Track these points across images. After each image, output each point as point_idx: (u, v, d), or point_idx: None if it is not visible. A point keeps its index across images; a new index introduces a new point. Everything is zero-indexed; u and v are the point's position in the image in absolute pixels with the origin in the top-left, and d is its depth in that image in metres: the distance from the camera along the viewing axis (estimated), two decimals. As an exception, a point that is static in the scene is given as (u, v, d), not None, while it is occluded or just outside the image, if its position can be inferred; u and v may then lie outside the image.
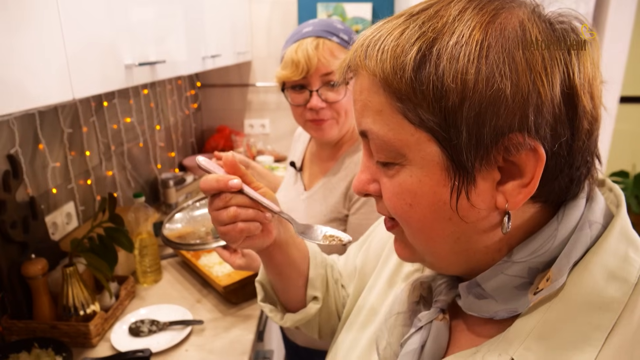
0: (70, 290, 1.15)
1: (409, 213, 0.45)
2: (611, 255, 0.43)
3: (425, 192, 0.43)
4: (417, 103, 0.41)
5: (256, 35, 2.82)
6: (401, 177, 0.45)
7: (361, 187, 0.50)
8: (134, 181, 2.01)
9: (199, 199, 1.19)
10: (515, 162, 0.41)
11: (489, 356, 0.45)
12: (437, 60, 0.39)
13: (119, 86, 1.10)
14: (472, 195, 0.42)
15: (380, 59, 0.42)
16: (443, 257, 0.48)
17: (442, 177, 0.42)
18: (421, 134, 0.42)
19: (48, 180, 1.39)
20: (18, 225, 1.16)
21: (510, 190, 0.41)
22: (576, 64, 0.40)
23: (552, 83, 0.39)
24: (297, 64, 1.05)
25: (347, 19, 2.85)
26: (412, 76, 0.40)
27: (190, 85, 2.74)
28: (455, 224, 0.44)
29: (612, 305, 0.41)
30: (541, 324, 0.43)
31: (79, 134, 1.56)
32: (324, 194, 1.17)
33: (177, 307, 1.33)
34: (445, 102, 0.39)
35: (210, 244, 0.99)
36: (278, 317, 0.79)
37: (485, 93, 0.38)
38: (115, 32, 1.08)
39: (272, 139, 3.01)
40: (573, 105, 0.40)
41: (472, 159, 0.40)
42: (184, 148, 2.66)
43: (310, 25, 1.09)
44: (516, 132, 0.39)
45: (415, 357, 0.50)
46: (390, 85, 0.42)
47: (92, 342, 1.17)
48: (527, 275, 0.44)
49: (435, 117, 0.40)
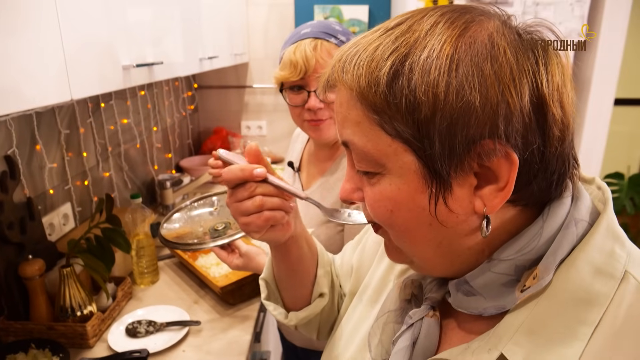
0: (67, 291, 1.15)
1: (390, 219, 0.47)
2: (597, 251, 0.44)
3: (404, 199, 0.45)
4: (392, 115, 0.42)
5: (253, 37, 2.83)
6: (382, 186, 0.46)
7: (346, 196, 0.52)
8: (131, 182, 2.01)
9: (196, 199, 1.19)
10: (491, 168, 0.42)
11: (479, 352, 0.45)
12: (410, 74, 0.41)
13: (117, 87, 1.10)
14: (450, 201, 0.43)
15: (356, 73, 0.43)
16: (428, 259, 0.49)
17: (420, 184, 0.44)
18: (398, 145, 0.43)
19: (45, 181, 1.39)
20: (15, 226, 1.16)
21: (487, 194, 0.43)
22: (544, 74, 0.41)
23: (520, 93, 0.40)
24: (296, 64, 1.06)
25: (344, 20, 2.86)
26: (385, 90, 0.42)
27: (187, 86, 2.74)
28: (435, 229, 0.45)
29: (598, 300, 0.42)
30: (529, 320, 0.44)
31: (76, 135, 1.56)
32: (322, 194, 1.18)
33: (174, 308, 1.33)
34: (417, 114, 0.41)
35: (208, 244, 0.99)
36: (282, 316, 0.79)
37: (456, 105, 0.40)
38: (113, 33, 1.09)
39: (269, 141, 3.01)
40: (543, 113, 0.41)
41: (446, 167, 0.42)
42: (180, 149, 2.67)
43: (309, 27, 1.10)
44: (487, 139, 0.40)
45: (407, 354, 0.51)
46: (366, 99, 0.43)
47: (89, 343, 1.17)
48: (514, 273, 0.45)
49: (409, 128, 0.42)
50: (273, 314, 0.80)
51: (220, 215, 1.15)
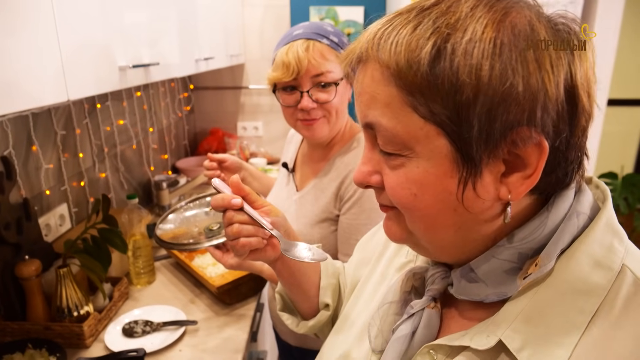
0: (64, 291, 1.16)
1: (413, 203, 0.46)
2: (597, 244, 0.45)
3: (432, 183, 0.44)
4: (430, 97, 0.41)
5: (249, 38, 2.84)
6: (407, 169, 0.45)
7: (362, 179, 0.51)
8: (127, 183, 2.02)
9: (191, 200, 1.19)
10: (520, 155, 0.42)
11: (477, 338, 0.46)
12: (452, 56, 0.40)
13: (113, 88, 1.11)
14: (478, 187, 0.43)
15: (395, 51, 0.42)
16: (441, 245, 0.49)
17: (450, 169, 0.43)
18: (430, 128, 0.43)
19: (41, 182, 1.40)
20: (12, 226, 1.17)
21: (514, 182, 0.43)
22: (578, 64, 0.42)
23: (557, 82, 0.40)
24: (288, 65, 1.07)
25: (340, 22, 2.87)
26: (427, 70, 0.41)
27: (183, 87, 2.75)
28: (459, 214, 0.45)
29: (596, 290, 0.43)
30: (528, 308, 0.45)
31: (72, 136, 1.57)
32: (315, 194, 1.18)
33: (170, 308, 1.34)
34: (459, 96, 0.40)
35: (203, 244, 1.00)
36: (294, 325, 0.85)
37: (499, 89, 0.40)
38: (109, 34, 1.09)
39: (265, 142, 3.02)
40: (574, 103, 0.42)
41: (480, 152, 0.42)
42: (177, 150, 2.67)
43: (301, 28, 1.11)
44: (524, 126, 0.41)
45: (406, 342, 0.52)
46: (404, 78, 0.42)
47: (86, 343, 1.17)
48: (517, 261, 0.46)
49: (447, 110, 0.41)
50: (286, 323, 0.85)
51: (215, 215, 1.15)
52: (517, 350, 0.43)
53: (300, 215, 1.20)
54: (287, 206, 1.25)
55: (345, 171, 1.14)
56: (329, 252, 1.16)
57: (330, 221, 1.15)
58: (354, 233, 1.10)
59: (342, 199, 1.13)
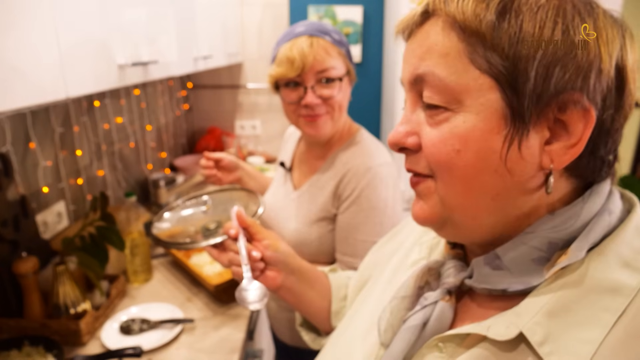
0: (61, 289, 1.16)
1: (454, 160, 0.45)
2: (626, 246, 0.45)
3: (477, 139, 0.44)
4: (491, 47, 0.43)
5: (247, 37, 2.84)
6: (452, 123, 0.45)
7: (398, 139, 0.50)
8: (125, 181, 2.02)
9: (187, 198, 1.19)
10: (565, 122, 0.43)
11: (495, 327, 0.45)
12: (518, 9, 0.42)
13: (112, 86, 1.11)
14: (523, 147, 0.43)
15: (462, 3, 0.44)
16: (475, 214, 0.48)
17: (498, 124, 0.43)
18: (485, 80, 0.43)
19: (39, 179, 1.40)
20: (9, 223, 1.17)
21: (557, 150, 0.44)
22: (629, 48, 0.44)
23: (611, 55, 0.42)
24: (293, 61, 1.07)
25: (338, 21, 2.87)
26: (493, 20, 0.42)
27: (181, 86, 2.75)
28: (500, 176, 0.45)
29: (624, 290, 0.42)
30: (553, 302, 0.44)
31: (70, 133, 1.57)
32: (313, 193, 1.19)
33: (167, 306, 1.34)
34: (520, 47, 0.42)
35: (200, 243, 1.00)
36: (311, 340, 0.91)
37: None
38: (108, 31, 1.09)
39: (263, 140, 3.02)
40: (622, 83, 0.44)
41: (531, 109, 0.42)
42: (174, 149, 2.67)
43: (303, 26, 1.11)
44: (577, 90, 0.42)
45: (415, 332, 0.51)
46: (468, 28, 0.43)
47: (83, 340, 1.17)
48: (546, 250, 0.46)
49: (506, 62, 0.42)
50: (304, 339, 0.91)
51: (212, 214, 1.16)
52: (539, 344, 0.42)
53: (298, 214, 1.20)
54: (285, 205, 1.26)
55: (343, 170, 1.14)
56: (326, 251, 1.16)
57: (328, 220, 1.15)
58: (351, 232, 1.11)
59: (340, 198, 1.13)
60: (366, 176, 1.10)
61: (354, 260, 1.10)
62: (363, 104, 3.03)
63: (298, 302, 0.84)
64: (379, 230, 1.09)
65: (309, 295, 0.84)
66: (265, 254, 0.80)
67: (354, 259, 1.10)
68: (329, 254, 1.17)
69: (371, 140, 1.20)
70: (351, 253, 1.11)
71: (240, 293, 0.76)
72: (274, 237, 0.82)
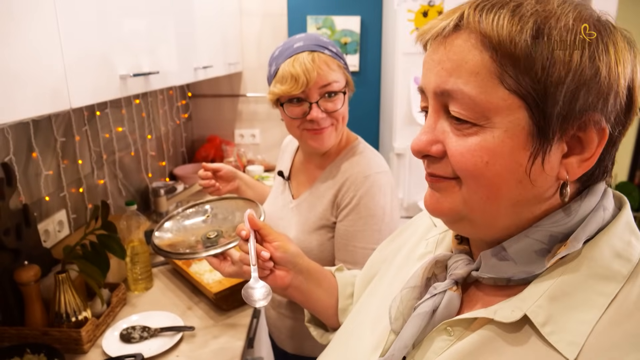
0: (62, 297, 1.16)
1: (482, 170, 0.48)
2: (618, 238, 0.50)
3: (505, 153, 0.47)
4: (522, 69, 0.45)
5: (247, 47, 2.87)
6: (480, 137, 0.48)
7: (422, 147, 0.53)
8: (125, 190, 2.03)
9: (188, 207, 1.21)
10: (582, 138, 0.47)
11: (501, 311, 0.49)
12: (549, 34, 0.45)
13: (114, 96, 1.13)
14: (546, 162, 0.47)
15: (497, 23, 0.46)
16: (494, 216, 0.51)
17: (525, 141, 0.47)
18: (514, 100, 0.46)
19: (41, 188, 1.41)
20: (11, 232, 1.18)
21: (573, 163, 0.48)
22: (638, 67, 0.47)
23: (625, 76, 0.46)
24: (297, 77, 1.06)
25: (336, 31, 2.90)
26: (527, 43, 0.45)
27: (181, 95, 2.77)
28: (523, 187, 0.48)
29: (616, 277, 0.48)
30: (553, 288, 0.48)
31: (71, 142, 1.58)
32: (312, 201, 1.20)
33: (168, 314, 1.35)
34: (551, 70, 0.44)
35: (200, 253, 1.00)
36: (319, 336, 0.94)
37: (587, 72, 0.44)
38: (110, 43, 1.11)
39: (262, 149, 3.04)
40: (631, 100, 0.47)
41: (555, 129, 0.46)
42: (174, 157, 2.68)
43: (300, 41, 1.11)
44: (598, 111, 0.45)
45: (426, 318, 0.55)
46: (502, 50, 0.45)
47: (84, 349, 1.18)
48: (547, 242, 0.50)
49: (537, 85, 0.45)
50: (312, 334, 0.95)
51: (212, 223, 1.17)
52: (542, 324, 0.47)
53: (297, 223, 1.21)
54: (283, 214, 1.27)
55: (342, 178, 1.15)
56: (326, 259, 1.17)
57: (328, 228, 1.16)
58: (351, 240, 1.12)
59: (339, 206, 1.14)
60: (365, 184, 1.11)
61: (354, 267, 1.11)
62: (361, 113, 3.05)
63: (306, 299, 0.88)
64: (378, 238, 1.10)
65: (316, 293, 0.88)
66: (275, 255, 0.83)
67: (354, 266, 1.11)
68: (329, 262, 1.18)
69: (369, 149, 1.21)
70: (350, 260, 1.12)
71: (247, 291, 0.79)
72: (284, 238, 0.85)
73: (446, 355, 0.52)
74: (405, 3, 2.24)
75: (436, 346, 0.54)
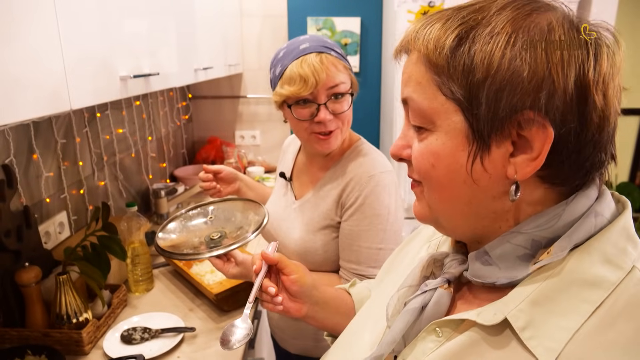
0: (63, 298, 1.16)
1: (430, 173, 0.52)
2: (611, 245, 0.48)
3: (447, 155, 0.51)
4: (450, 77, 0.49)
5: (247, 48, 2.87)
6: (428, 141, 0.52)
7: (396, 151, 0.58)
8: (126, 191, 2.03)
9: (191, 208, 1.21)
10: (527, 137, 0.47)
11: (484, 314, 0.50)
12: (471, 44, 0.47)
13: (114, 97, 1.13)
14: (486, 161, 0.49)
15: (427, 38, 0.50)
16: (453, 218, 0.54)
17: (462, 142, 0.49)
18: (450, 105, 0.49)
19: (42, 190, 1.41)
20: (12, 233, 1.18)
21: (520, 162, 0.48)
22: (592, 63, 0.46)
23: (566, 75, 0.45)
24: (306, 78, 1.06)
25: (337, 32, 2.90)
26: (448, 53, 0.48)
27: (181, 96, 2.77)
28: (468, 187, 0.50)
29: (603, 284, 0.46)
30: (537, 293, 0.48)
31: (72, 144, 1.58)
32: (316, 202, 1.20)
33: (169, 315, 1.35)
34: (472, 77, 0.47)
35: (204, 254, 1.00)
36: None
37: (506, 73, 0.46)
38: (111, 45, 1.11)
39: (262, 150, 3.04)
40: (584, 98, 0.46)
41: (488, 129, 0.47)
42: (175, 159, 2.69)
43: (306, 42, 1.10)
44: (528, 109, 0.45)
45: (414, 314, 0.56)
46: (431, 60, 0.50)
47: (85, 350, 1.18)
48: (530, 248, 0.50)
49: (462, 89, 0.48)
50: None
51: (214, 224, 1.17)
52: (521, 329, 0.47)
53: (301, 223, 1.21)
54: (287, 215, 1.27)
55: (346, 178, 1.15)
56: (330, 258, 1.17)
57: (332, 228, 1.16)
58: (355, 239, 1.12)
59: (343, 206, 1.14)
60: (369, 184, 1.11)
61: (358, 267, 1.11)
62: (362, 114, 3.05)
63: (324, 326, 0.91)
64: (382, 237, 1.10)
65: (334, 319, 0.90)
66: (292, 289, 0.84)
67: (358, 266, 1.11)
68: (334, 262, 1.18)
69: (372, 149, 1.21)
70: (355, 260, 1.12)
71: (229, 328, 0.80)
72: (300, 270, 0.85)
73: (434, 355, 0.53)
74: (405, 4, 2.24)
75: (425, 347, 0.55)
